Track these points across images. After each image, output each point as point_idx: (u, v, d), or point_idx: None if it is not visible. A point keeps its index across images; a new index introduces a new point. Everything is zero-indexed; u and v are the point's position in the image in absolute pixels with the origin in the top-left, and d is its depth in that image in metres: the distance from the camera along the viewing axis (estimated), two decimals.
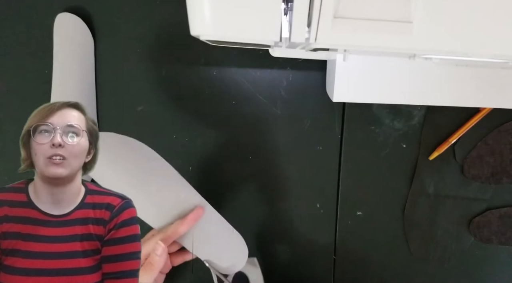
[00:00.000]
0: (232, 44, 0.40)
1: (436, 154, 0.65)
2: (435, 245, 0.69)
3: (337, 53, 0.53)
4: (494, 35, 0.34)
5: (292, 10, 0.32)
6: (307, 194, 0.67)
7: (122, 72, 0.63)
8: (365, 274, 0.71)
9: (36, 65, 0.62)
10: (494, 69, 0.55)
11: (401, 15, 0.32)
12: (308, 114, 0.65)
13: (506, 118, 0.64)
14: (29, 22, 0.61)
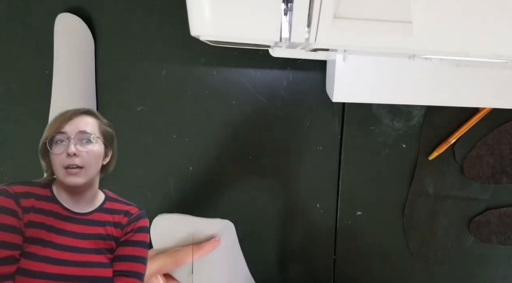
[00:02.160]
0: (232, 44, 0.41)
1: (435, 154, 0.65)
2: (435, 245, 0.69)
3: (337, 53, 0.53)
4: (494, 35, 0.34)
5: (292, 10, 0.32)
6: (307, 194, 0.68)
7: (122, 72, 0.63)
8: (365, 274, 0.71)
9: (36, 65, 0.62)
10: (494, 69, 0.55)
11: (401, 15, 0.32)
12: (308, 114, 0.65)
13: (505, 118, 0.64)
14: (30, 22, 0.61)
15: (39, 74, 0.62)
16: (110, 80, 0.63)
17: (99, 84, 0.63)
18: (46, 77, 0.62)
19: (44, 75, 0.62)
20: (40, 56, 0.62)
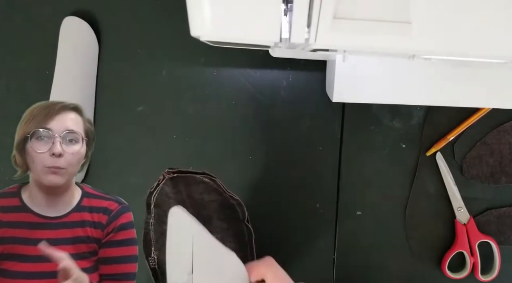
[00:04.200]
0: (232, 45, 0.41)
1: (433, 150, 0.65)
2: (436, 245, 0.69)
3: (337, 54, 0.53)
4: (494, 35, 0.34)
5: (292, 11, 0.32)
6: (307, 194, 0.68)
7: (122, 72, 0.63)
8: (365, 274, 0.71)
9: (36, 65, 0.62)
10: (494, 69, 0.55)
11: (401, 15, 0.32)
12: (308, 114, 0.65)
13: (505, 118, 0.64)
14: (34, 24, 0.61)
15: (39, 74, 0.62)
16: (110, 80, 0.63)
17: (99, 84, 0.63)
18: (47, 77, 0.61)
19: (45, 75, 0.62)
20: (40, 56, 0.62)
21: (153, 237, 0.56)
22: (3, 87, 0.63)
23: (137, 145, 0.65)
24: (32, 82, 0.63)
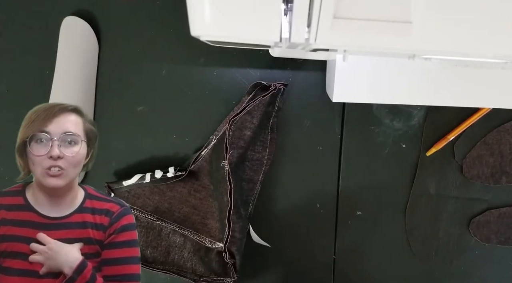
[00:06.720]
0: (232, 44, 0.41)
1: (433, 150, 0.65)
2: (436, 245, 0.69)
3: (337, 54, 0.53)
4: (494, 35, 0.34)
5: (292, 11, 0.32)
6: (307, 194, 0.68)
7: (122, 72, 0.63)
8: (365, 274, 0.71)
9: (37, 65, 0.62)
10: (494, 69, 0.55)
11: (401, 15, 0.32)
12: (308, 114, 0.65)
13: (505, 118, 0.64)
14: (34, 23, 0.61)
15: (39, 74, 0.62)
16: (111, 80, 0.63)
17: (100, 84, 0.63)
18: (47, 77, 0.61)
19: (45, 75, 0.62)
20: (41, 56, 0.62)
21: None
22: (3, 87, 0.63)
23: (137, 145, 0.65)
24: (32, 82, 0.63)
